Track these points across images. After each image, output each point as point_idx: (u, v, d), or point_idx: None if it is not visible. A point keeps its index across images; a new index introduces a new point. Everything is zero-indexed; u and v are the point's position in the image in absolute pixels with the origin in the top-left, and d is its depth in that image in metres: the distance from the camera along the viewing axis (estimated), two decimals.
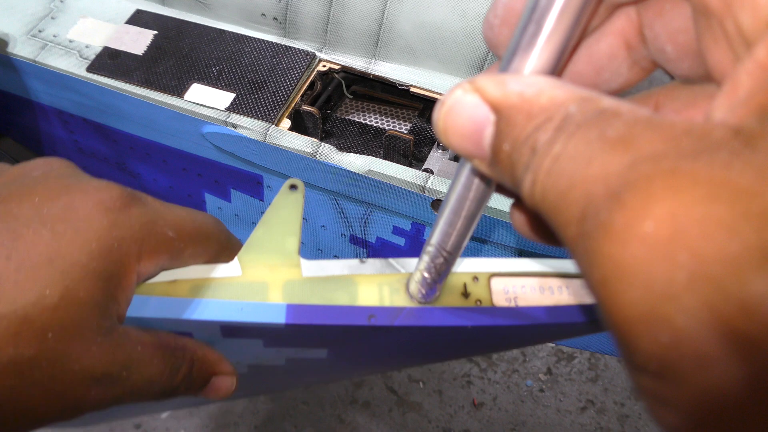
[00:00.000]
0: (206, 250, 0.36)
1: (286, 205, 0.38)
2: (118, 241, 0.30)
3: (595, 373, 1.54)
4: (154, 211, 0.33)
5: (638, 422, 1.48)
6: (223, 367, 0.37)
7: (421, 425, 1.46)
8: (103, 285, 0.30)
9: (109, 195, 0.31)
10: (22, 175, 0.32)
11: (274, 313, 0.34)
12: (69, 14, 0.86)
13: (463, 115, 0.20)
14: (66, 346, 0.28)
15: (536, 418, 1.48)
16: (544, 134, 0.18)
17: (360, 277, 0.35)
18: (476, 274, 0.36)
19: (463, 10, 0.70)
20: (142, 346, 0.32)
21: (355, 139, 0.79)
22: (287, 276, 0.35)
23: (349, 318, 0.34)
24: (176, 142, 0.82)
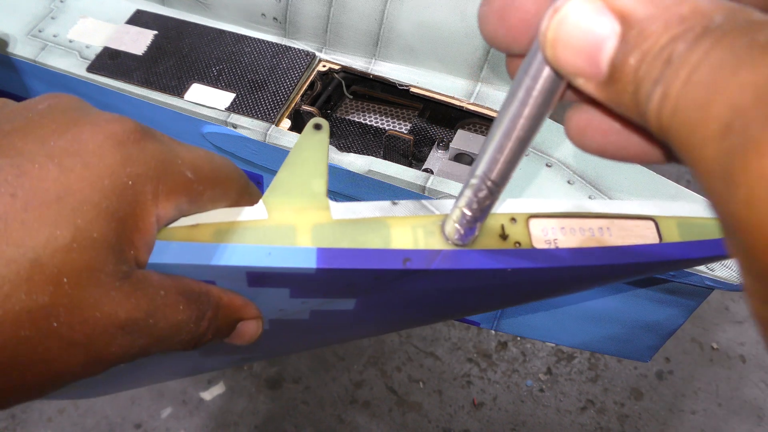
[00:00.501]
0: (226, 194, 0.33)
1: (310, 145, 0.35)
2: (133, 177, 0.27)
3: (595, 373, 1.54)
4: (171, 148, 0.30)
5: (638, 422, 1.48)
6: (249, 312, 0.35)
7: (421, 425, 1.46)
8: (118, 226, 0.27)
9: (122, 128, 0.28)
10: (26, 108, 0.29)
11: (304, 257, 0.32)
12: (69, 14, 0.86)
13: (580, 24, 0.18)
14: (83, 292, 0.26)
15: (536, 418, 1.48)
16: (683, 44, 0.16)
17: (392, 219, 0.33)
18: (514, 215, 0.34)
19: (463, 10, 0.70)
20: (165, 291, 0.30)
21: (355, 139, 0.79)
22: (316, 219, 0.33)
23: (383, 262, 0.32)
24: None
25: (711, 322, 1.61)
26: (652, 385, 1.52)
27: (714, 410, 1.48)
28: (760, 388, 1.51)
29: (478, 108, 0.73)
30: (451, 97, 0.74)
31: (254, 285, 0.35)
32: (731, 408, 1.49)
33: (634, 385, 1.52)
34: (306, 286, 0.35)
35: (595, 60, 0.18)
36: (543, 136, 0.69)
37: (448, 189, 0.66)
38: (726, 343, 1.58)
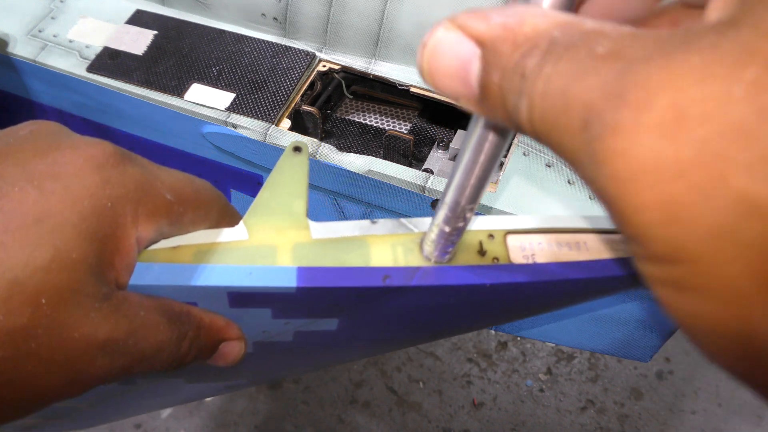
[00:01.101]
0: (207, 216, 0.33)
1: (290, 167, 0.36)
2: (112, 200, 0.28)
3: (595, 373, 1.54)
4: (150, 171, 0.31)
5: (638, 422, 1.48)
6: (231, 333, 0.35)
7: (421, 425, 1.46)
8: (98, 247, 0.27)
9: (102, 151, 0.29)
10: (7, 134, 0.30)
11: (285, 276, 0.32)
12: (69, 14, 0.86)
13: (447, 53, 0.20)
14: (62, 312, 0.26)
15: (536, 418, 1.48)
16: (531, 59, 0.18)
17: (372, 237, 0.34)
18: (491, 232, 0.34)
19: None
20: (145, 311, 0.30)
21: (355, 139, 0.79)
22: (296, 238, 0.34)
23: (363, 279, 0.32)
24: (176, 142, 0.82)
25: None
26: (652, 385, 1.52)
27: (714, 410, 1.48)
28: None
29: None
30: None
31: (236, 306, 0.35)
32: (731, 408, 1.49)
33: (634, 385, 1.52)
34: (287, 306, 0.35)
35: (467, 82, 0.20)
36: None
37: None
38: None
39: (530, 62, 0.18)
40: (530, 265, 0.33)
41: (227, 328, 0.35)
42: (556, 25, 0.18)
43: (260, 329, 0.39)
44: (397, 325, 0.42)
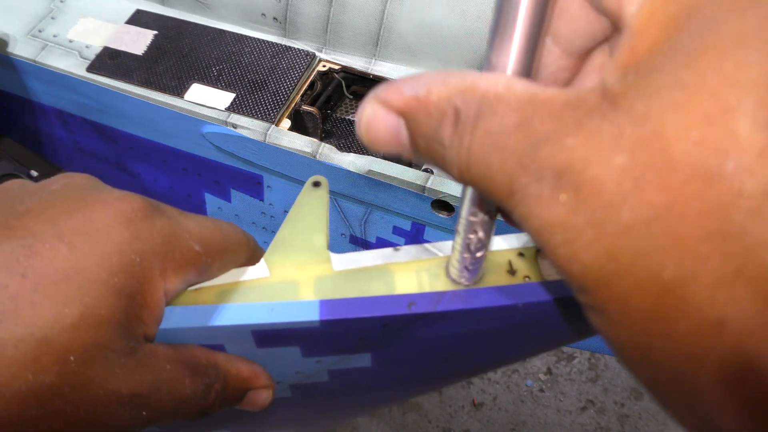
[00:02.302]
0: (235, 262, 0.34)
1: (310, 202, 0.36)
2: (140, 255, 0.28)
3: (595, 373, 1.54)
4: (179, 223, 0.31)
5: (638, 422, 1.48)
6: (258, 382, 0.36)
7: (421, 425, 1.46)
8: (126, 302, 0.28)
9: (131, 206, 0.29)
10: (40, 189, 0.30)
11: (307, 310, 0.32)
12: (69, 14, 0.86)
13: (378, 126, 0.22)
14: (89, 370, 0.27)
15: (536, 418, 1.48)
16: (445, 129, 0.20)
17: (395, 265, 0.33)
18: (521, 250, 0.33)
19: (463, 10, 0.70)
20: (171, 365, 0.30)
21: (355, 139, 0.79)
22: (318, 272, 0.33)
23: (387, 308, 0.32)
24: (176, 142, 0.82)
25: None
26: None
27: None
28: None
29: None
30: None
31: (263, 345, 0.35)
32: None
33: (634, 385, 1.52)
34: (315, 342, 0.35)
35: (401, 142, 0.22)
36: None
37: (448, 189, 0.66)
38: None
39: (445, 132, 0.20)
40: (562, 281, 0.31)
41: (254, 378, 0.36)
42: (455, 93, 0.20)
43: (293, 370, 0.38)
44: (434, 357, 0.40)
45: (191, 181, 0.88)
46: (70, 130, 0.93)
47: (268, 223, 0.86)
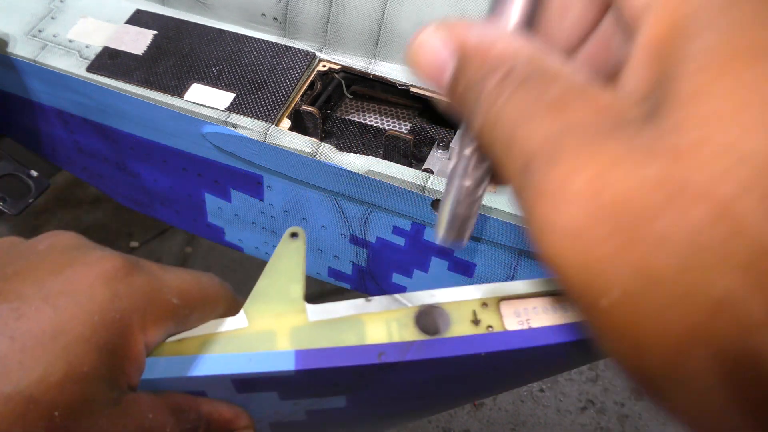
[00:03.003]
0: (213, 312, 0.36)
1: (287, 253, 0.38)
2: (121, 312, 0.30)
3: (595, 373, 1.54)
4: (157, 278, 0.33)
5: (638, 422, 1.48)
6: (239, 423, 0.38)
7: (421, 425, 1.46)
8: (108, 358, 0.30)
9: (112, 265, 0.31)
10: (28, 250, 0.32)
11: (283, 360, 0.34)
12: (69, 14, 0.86)
13: (429, 51, 0.22)
14: (74, 423, 0.28)
15: (536, 418, 1.48)
16: (489, 83, 0.20)
17: (367, 315, 0.35)
18: (484, 300, 0.35)
19: (463, 10, 0.70)
20: (154, 413, 0.32)
21: (355, 139, 0.79)
22: (294, 322, 0.35)
23: (358, 358, 0.34)
24: (176, 142, 0.82)
25: None
26: None
27: None
28: None
29: None
30: None
31: (243, 391, 0.36)
32: None
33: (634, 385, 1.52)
34: (292, 388, 0.37)
35: (440, 77, 0.22)
36: None
37: None
38: None
39: (488, 85, 0.20)
40: (525, 330, 0.34)
41: (235, 419, 0.37)
42: (522, 55, 0.20)
43: (272, 411, 0.40)
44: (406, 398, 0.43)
45: (191, 181, 0.88)
46: (70, 130, 0.93)
47: (268, 223, 0.86)
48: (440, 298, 0.35)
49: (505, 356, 0.35)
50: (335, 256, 0.85)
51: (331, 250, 0.85)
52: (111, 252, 0.32)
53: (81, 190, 1.76)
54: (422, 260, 0.78)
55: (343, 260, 0.85)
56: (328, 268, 0.88)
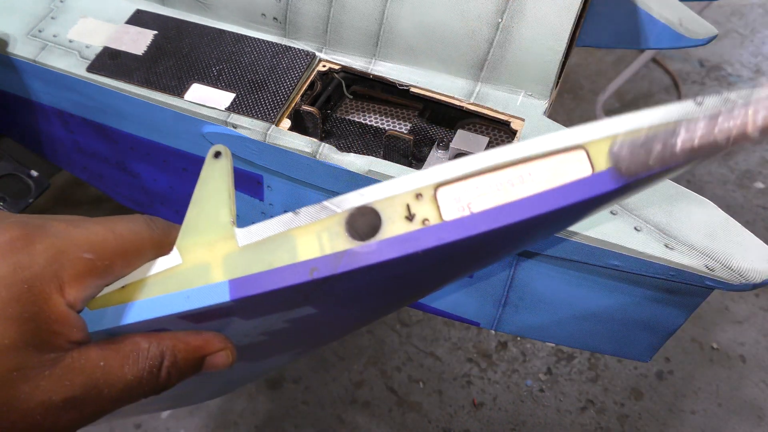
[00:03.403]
0: (140, 257, 0.35)
1: (212, 176, 0.36)
2: (28, 281, 0.30)
3: (595, 373, 1.54)
4: (63, 238, 0.33)
5: (638, 422, 1.48)
6: (212, 347, 0.37)
7: (421, 425, 1.46)
8: (29, 325, 0.30)
9: (8, 237, 0.31)
10: None
11: (218, 292, 0.33)
12: (69, 14, 0.86)
13: None
14: (12, 391, 0.29)
15: (536, 418, 1.48)
16: None
17: (297, 230, 0.33)
18: (419, 191, 0.31)
19: (463, 10, 0.70)
20: (105, 360, 0.33)
21: (355, 139, 0.79)
22: (225, 250, 0.34)
23: (291, 278, 0.32)
24: (176, 142, 0.82)
25: (711, 322, 1.61)
26: (652, 385, 1.52)
27: (714, 410, 1.48)
28: (760, 388, 1.51)
29: (478, 108, 0.73)
30: (451, 97, 0.74)
31: (200, 322, 0.35)
32: (731, 408, 1.49)
33: (634, 385, 1.52)
34: (246, 312, 0.35)
35: None
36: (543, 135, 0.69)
37: None
38: (726, 343, 1.58)
39: None
40: (465, 217, 0.30)
41: (206, 345, 0.37)
42: None
43: (248, 329, 0.39)
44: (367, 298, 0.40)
45: (191, 181, 0.87)
46: (70, 130, 0.93)
47: None
48: (370, 197, 0.32)
49: (446, 249, 0.31)
50: None
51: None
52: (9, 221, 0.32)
53: (81, 190, 1.76)
54: None
55: None
56: None
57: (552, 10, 0.68)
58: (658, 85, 2.17)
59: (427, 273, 0.37)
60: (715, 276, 0.58)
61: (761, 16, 2.37)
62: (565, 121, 1.69)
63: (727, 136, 0.25)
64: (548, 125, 0.70)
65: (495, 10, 0.69)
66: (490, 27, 0.70)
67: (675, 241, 0.59)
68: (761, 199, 1.85)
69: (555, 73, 0.70)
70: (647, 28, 0.87)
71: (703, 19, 0.87)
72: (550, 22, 0.68)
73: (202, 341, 0.37)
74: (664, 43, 0.86)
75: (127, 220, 0.36)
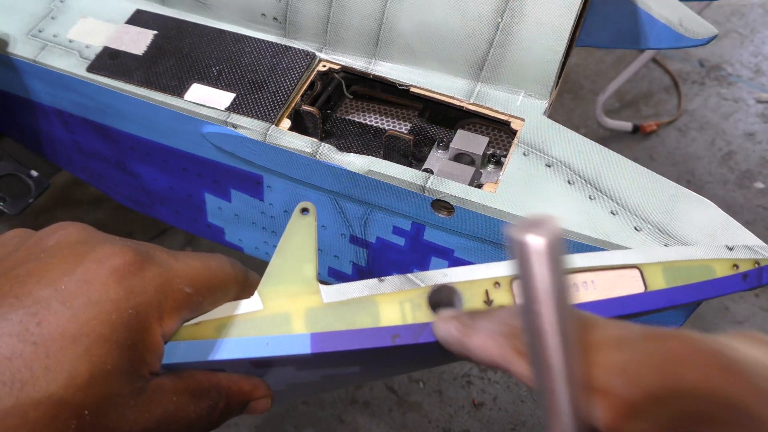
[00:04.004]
0: (225, 296, 0.36)
1: (299, 230, 0.37)
2: (136, 308, 0.31)
3: None
4: (168, 269, 0.33)
5: None
6: (258, 393, 0.39)
7: (421, 425, 1.46)
8: (129, 353, 0.31)
9: (123, 261, 0.32)
10: (37, 246, 0.33)
11: (299, 343, 0.34)
12: (69, 14, 0.86)
13: None
14: (103, 419, 0.29)
15: (536, 418, 1.48)
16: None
17: (380, 296, 0.35)
18: (497, 280, 0.35)
19: (463, 10, 0.70)
20: (177, 396, 0.33)
21: (355, 139, 0.79)
22: (308, 304, 0.35)
23: (373, 340, 0.34)
24: (176, 142, 0.82)
25: (711, 322, 1.61)
26: None
27: None
28: None
29: (478, 108, 0.73)
30: (451, 97, 0.74)
31: (260, 368, 0.37)
32: None
33: None
34: (308, 364, 0.38)
35: None
36: (543, 135, 0.69)
37: (448, 189, 0.66)
38: None
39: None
40: None
41: (254, 391, 0.38)
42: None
43: (289, 379, 0.41)
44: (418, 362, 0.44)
45: (191, 181, 0.88)
46: (70, 130, 0.93)
47: (268, 223, 0.86)
48: (453, 278, 0.35)
49: None
50: (335, 256, 0.85)
51: (331, 250, 0.85)
52: (121, 244, 0.33)
53: (81, 190, 1.76)
54: (422, 260, 0.78)
55: (344, 260, 0.85)
56: (328, 268, 0.88)
57: (552, 10, 0.68)
58: (658, 85, 2.17)
59: None
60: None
61: (761, 16, 2.37)
62: (565, 121, 1.69)
63: None
64: (548, 125, 0.70)
65: (495, 10, 0.69)
66: (490, 27, 0.70)
67: (675, 241, 0.59)
68: (761, 199, 1.85)
69: (555, 73, 0.70)
70: (647, 28, 0.87)
71: (703, 19, 0.86)
72: (550, 22, 0.68)
73: (252, 387, 0.38)
74: (664, 43, 0.86)
75: (217, 258, 0.37)
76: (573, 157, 0.67)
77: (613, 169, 0.65)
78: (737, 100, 2.10)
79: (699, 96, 2.12)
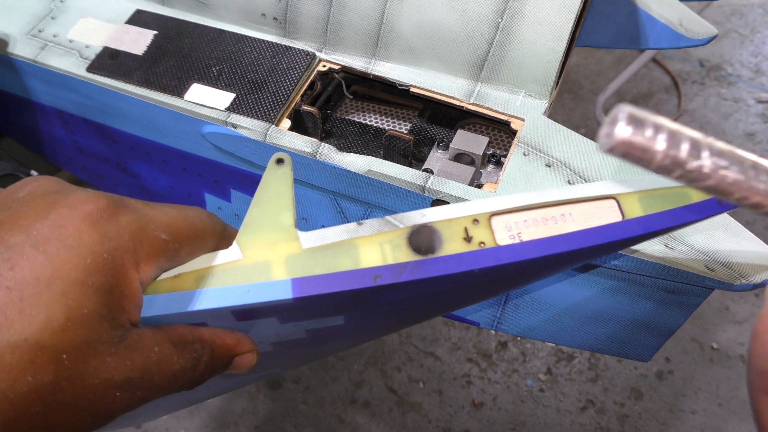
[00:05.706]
0: (203, 245, 0.36)
1: (275, 180, 0.37)
2: (112, 252, 0.31)
3: (595, 373, 1.54)
4: (143, 215, 0.33)
5: (638, 422, 1.48)
6: (243, 347, 0.38)
7: (421, 425, 1.46)
8: (106, 298, 0.30)
9: (96, 206, 0.31)
10: (8, 198, 0.32)
11: (281, 289, 0.34)
12: (69, 14, 0.86)
13: None
14: (82, 364, 0.29)
15: (536, 418, 1.48)
16: None
17: (360, 239, 0.35)
18: (476, 217, 0.36)
19: (463, 10, 0.70)
20: (159, 346, 0.33)
21: (355, 139, 0.79)
22: (288, 251, 0.35)
23: (354, 282, 0.34)
24: (176, 142, 0.82)
25: (711, 322, 1.61)
26: (652, 385, 1.52)
27: (714, 410, 1.48)
28: None
29: (478, 108, 0.73)
30: (451, 97, 0.74)
31: (243, 319, 0.37)
32: (731, 408, 1.49)
33: (634, 385, 1.52)
34: (291, 313, 0.37)
35: None
36: (543, 135, 0.69)
37: (448, 189, 0.66)
38: (726, 343, 1.58)
39: None
40: (516, 245, 0.35)
41: (238, 345, 0.38)
42: None
43: (273, 333, 0.40)
44: (401, 311, 0.43)
45: (191, 181, 0.88)
46: (70, 130, 0.93)
47: None
48: (432, 217, 0.35)
49: (499, 270, 0.35)
50: None
51: None
52: (93, 192, 0.32)
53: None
54: None
55: None
56: None
57: (552, 10, 0.68)
58: (658, 85, 2.17)
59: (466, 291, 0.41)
60: (716, 276, 0.58)
61: (761, 16, 2.37)
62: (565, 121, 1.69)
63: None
64: (548, 125, 0.70)
65: (495, 10, 0.69)
66: (490, 27, 0.70)
67: (675, 241, 0.59)
68: None
69: (555, 73, 0.70)
70: (647, 28, 0.87)
71: (703, 19, 0.86)
72: (550, 22, 0.68)
73: (236, 341, 0.37)
74: (664, 43, 0.86)
75: (194, 209, 0.37)
76: (573, 157, 0.67)
77: (613, 169, 0.65)
78: (737, 100, 2.10)
79: (699, 96, 2.12)
